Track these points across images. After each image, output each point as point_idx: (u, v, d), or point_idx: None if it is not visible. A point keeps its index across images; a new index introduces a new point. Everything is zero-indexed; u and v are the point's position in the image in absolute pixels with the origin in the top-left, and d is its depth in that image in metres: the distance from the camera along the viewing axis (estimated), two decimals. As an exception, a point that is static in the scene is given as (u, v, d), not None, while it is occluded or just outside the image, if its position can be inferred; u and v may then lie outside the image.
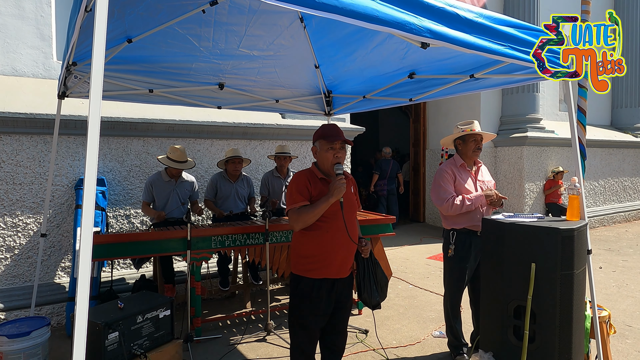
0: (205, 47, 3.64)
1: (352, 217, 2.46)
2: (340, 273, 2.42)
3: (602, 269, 5.98)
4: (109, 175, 4.34)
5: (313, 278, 2.37)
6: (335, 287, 2.41)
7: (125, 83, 3.71)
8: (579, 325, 2.60)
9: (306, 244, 2.41)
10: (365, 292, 2.55)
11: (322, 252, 2.36)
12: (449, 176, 3.18)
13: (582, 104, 3.04)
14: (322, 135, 2.42)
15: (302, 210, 2.30)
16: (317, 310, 2.38)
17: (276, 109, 4.71)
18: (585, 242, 2.67)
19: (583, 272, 2.66)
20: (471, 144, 3.21)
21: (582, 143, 3.05)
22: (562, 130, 8.96)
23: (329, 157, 2.38)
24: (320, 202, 2.28)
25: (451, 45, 2.03)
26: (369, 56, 3.76)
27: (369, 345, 3.57)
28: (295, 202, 2.33)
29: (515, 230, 2.65)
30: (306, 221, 2.30)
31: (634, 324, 3.99)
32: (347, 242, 2.37)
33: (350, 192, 2.50)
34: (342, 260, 2.41)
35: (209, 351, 3.47)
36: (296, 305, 2.42)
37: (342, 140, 2.40)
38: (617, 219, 9.84)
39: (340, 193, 2.26)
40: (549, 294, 2.49)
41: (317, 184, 2.39)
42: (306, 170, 2.52)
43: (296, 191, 2.36)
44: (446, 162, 3.32)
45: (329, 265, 2.37)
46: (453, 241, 3.17)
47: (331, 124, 2.52)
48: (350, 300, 2.58)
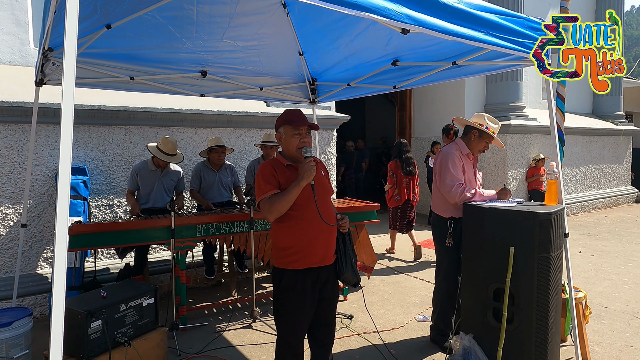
0: (188, 39, 3.59)
1: (326, 201, 2.40)
2: (325, 260, 2.36)
3: (581, 253, 6.13)
4: (90, 164, 4.28)
5: (296, 269, 2.30)
6: (320, 276, 2.35)
7: (106, 70, 3.65)
8: (556, 306, 2.68)
9: (284, 236, 2.34)
10: (347, 271, 2.46)
11: (301, 241, 2.30)
12: (459, 162, 3.11)
13: (561, 91, 3.08)
14: (286, 121, 2.35)
15: (273, 198, 2.24)
16: (303, 303, 2.31)
17: (260, 96, 4.68)
18: (562, 226, 2.74)
19: (560, 254, 2.73)
20: (483, 143, 3.18)
21: (561, 129, 3.11)
22: (544, 118, 9.08)
23: (295, 143, 2.31)
24: (291, 187, 2.22)
25: (430, 31, 2.03)
26: (352, 43, 3.76)
27: (354, 330, 3.62)
28: (265, 192, 2.27)
29: (494, 215, 2.71)
30: (280, 209, 2.24)
31: (609, 305, 4.12)
32: (325, 226, 2.31)
33: (322, 176, 2.44)
34: (324, 246, 2.35)
35: (194, 338, 3.49)
36: (281, 300, 2.34)
37: (307, 125, 2.34)
38: (597, 205, 10.07)
39: (310, 176, 2.20)
40: (526, 277, 2.56)
41: (284, 172, 2.32)
42: (270, 160, 2.45)
43: (264, 181, 2.29)
44: (452, 145, 3.22)
45: (311, 254, 2.31)
46: (451, 230, 3.12)
47: (295, 109, 2.42)
48: (337, 289, 2.52)
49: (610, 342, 3.37)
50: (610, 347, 3.30)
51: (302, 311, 2.33)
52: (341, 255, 2.48)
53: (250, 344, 3.40)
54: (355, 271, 2.53)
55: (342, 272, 2.48)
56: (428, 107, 9.23)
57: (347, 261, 2.49)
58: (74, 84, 1.23)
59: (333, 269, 2.47)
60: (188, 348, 3.32)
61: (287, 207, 2.25)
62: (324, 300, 2.43)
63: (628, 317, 3.84)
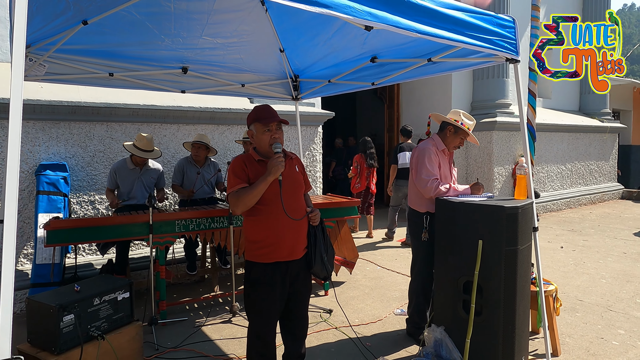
0: (167, 36, 3.60)
1: (295, 197, 2.43)
2: (293, 255, 2.40)
3: (563, 248, 6.22)
4: (71, 160, 4.28)
5: (265, 263, 2.34)
6: (289, 269, 2.38)
7: (85, 67, 3.64)
8: (524, 298, 2.74)
9: (253, 230, 2.38)
10: (316, 265, 2.48)
11: (268, 235, 2.33)
12: (435, 157, 3.15)
13: (532, 87, 3.13)
14: (256, 118, 2.38)
15: (240, 192, 2.27)
16: (272, 295, 2.35)
17: (242, 93, 4.70)
18: (531, 220, 2.80)
19: (528, 248, 2.78)
20: (458, 139, 3.22)
21: (532, 125, 3.16)
22: (531, 115, 9.17)
23: (266, 139, 2.34)
24: (259, 181, 2.25)
25: (393, 28, 2.07)
26: (331, 41, 3.79)
27: (332, 324, 3.67)
28: (233, 185, 2.31)
29: (464, 209, 2.76)
30: (246, 203, 2.27)
31: (585, 299, 4.20)
32: (294, 222, 2.36)
33: (295, 172, 2.48)
34: (292, 241, 2.38)
35: (173, 333, 3.52)
36: (250, 292, 2.38)
37: (277, 120, 2.37)
38: (583, 201, 10.19)
39: (277, 171, 2.23)
40: (494, 270, 2.61)
41: (254, 166, 2.35)
42: (243, 154, 2.49)
43: (233, 175, 2.33)
44: (428, 141, 3.26)
45: (279, 248, 2.34)
46: (427, 225, 3.15)
47: (265, 105, 2.46)
48: (309, 283, 2.55)
49: (582, 334, 3.44)
50: (581, 338, 3.37)
51: (271, 304, 2.38)
52: (311, 249, 2.51)
53: (228, 338, 3.44)
54: (325, 265, 2.55)
55: (311, 265, 2.51)
56: (416, 104, 9.29)
57: (317, 255, 2.52)
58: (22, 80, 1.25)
59: (305, 263, 2.51)
60: (166, 342, 3.35)
61: (253, 201, 2.28)
62: (295, 293, 2.47)
63: (602, 310, 3.91)
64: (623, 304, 4.07)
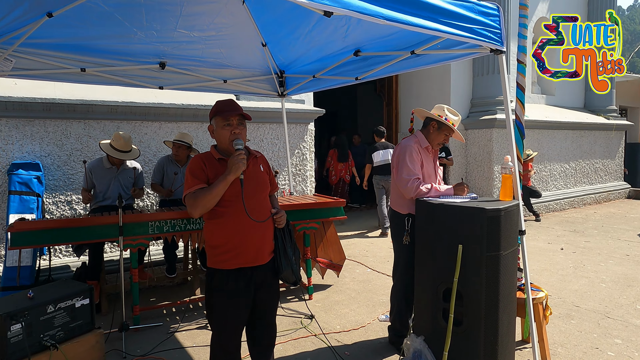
0: (139, 28, 3.45)
1: (259, 197, 2.27)
2: (258, 259, 2.23)
3: (563, 250, 5.99)
4: (47, 159, 4.15)
5: (227, 269, 2.18)
6: (254, 276, 2.22)
7: (55, 61, 3.50)
8: (508, 306, 2.55)
9: (214, 233, 2.21)
10: (285, 270, 2.32)
11: (231, 239, 2.18)
12: (417, 156, 2.96)
13: (520, 80, 2.93)
14: (216, 112, 2.22)
15: (198, 193, 2.11)
16: (235, 304, 2.19)
17: (225, 89, 4.54)
18: (516, 223, 2.60)
19: (514, 253, 2.59)
20: (442, 135, 3.04)
21: (521, 121, 2.96)
22: (533, 112, 8.92)
23: (225, 135, 2.17)
24: (218, 181, 2.09)
25: (356, 14, 1.89)
26: (312, 34, 3.63)
27: (312, 331, 3.49)
28: (190, 186, 2.15)
29: (443, 211, 2.58)
30: (204, 205, 2.11)
31: (582, 304, 3.98)
32: (257, 224, 2.18)
33: (260, 171, 2.32)
34: (257, 244, 2.22)
35: (145, 340, 3.37)
36: (212, 301, 2.22)
37: (238, 114, 2.20)
38: (588, 201, 9.91)
39: (238, 169, 2.07)
40: (474, 276, 2.43)
41: (214, 165, 2.19)
42: (202, 153, 2.32)
43: (190, 175, 2.17)
44: (411, 138, 3.07)
45: (242, 253, 2.18)
46: (409, 227, 2.96)
47: (227, 98, 2.30)
48: (276, 289, 2.39)
49: (576, 344, 3.23)
50: (574, 348, 3.16)
51: (234, 313, 2.22)
52: (279, 253, 2.35)
53: (201, 346, 3.28)
54: (295, 270, 2.40)
55: (280, 271, 2.35)
56: (414, 101, 9.07)
57: (286, 259, 2.37)
58: None
59: (271, 268, 2.35)
60: (136, 350, 3.20)
61: (212, 202, 2.12)
62: (261, 300, 2.31)
63: (599, 317, 3.70)
64: (622, 310, 3.85)
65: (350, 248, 6.10)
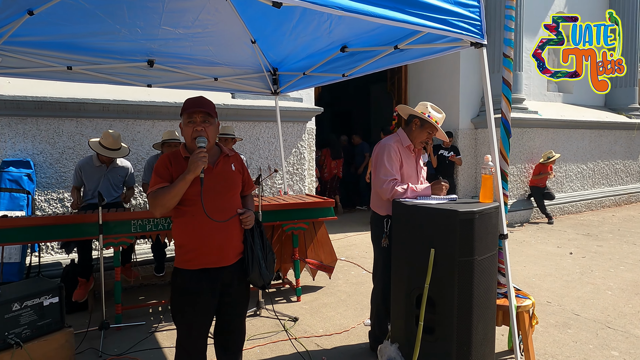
0: (122, 26, 3.43)
1: (224, 197, 2.19)
2: (223, 260, 2.17)
3: (572, 254, 5.73)
4: (39, 157, 4.19)
5: (191, 270, 2.13)
6: (220, 277, 2.16)
7: (41, 59, 3.52)
8: (485, 315, 2.41)
9: (178, 233, 2.18)
10: (253, 272, 2.24)
11: (193, 239, 2.13)
12: (395, 155, 2.83)
13: (506, 75, 2.77)
14: (183, 109, 2.17)
15: (158, 192, 2.06)
16: (198, 305, 2.13)
17: (216, 87, 4.50)
18: (495, 226, 2.46)
19: (492, 258, 2.45)
20: (425, 133, 2.89)
21: (507, 119, 2.80)
22: (548, 111, 8.60)
23: (188, 132, 2.12)
24: (178, 180, 2.04)
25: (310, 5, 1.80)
26: (296, 30, 3.57)
27: (293, 334, 3.41)
28: (152, 185, 2.11)
29: (417, 213, 2.45)
30: (164, 204, 2.06)
31: (582, 313, 3.77)
32: (220, 224, 2.12)
33: (230, 170, 2.25)
34: (219, 246, 2.15)
35: (124, 339, 3.35)
36: (175, 301, 2.17)
37: (202, 111, 2.13)
38: (607, 203, 9.49)
39: (197, 168, 2.01)
40: (446, 283, 2.30)
41: (181, 164, 2.13)
42: (171, 151, 2.28)
43: (154, 174, 2.13)
44: (391, 137, 2.95)
45: (205, 253, 2.13)
46: (387, 230, 2.84)
47: (197, 96, 2.25)
48: (244, 292, 2.31)
49: (568, 355, 3.05)
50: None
51: (197, 315, 2.15)
52: (248, 254, 2.27)
53: (178, 346, 3.23)
54: (263, 273, 2.31)
55: (248, 274, 2.27)
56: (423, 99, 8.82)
57: (255, 261, 2.28)
58: None
59: (239, 270, 2.28)
60: (113, 349, 3.19)
61: (172, 201, 2.07)
62: (226, 304, 2.24)
63: (598, 327, 3.49)
64: (625, 320, 3.62)
65: (350, 249, 5.99)
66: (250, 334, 3.40)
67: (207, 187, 2.10)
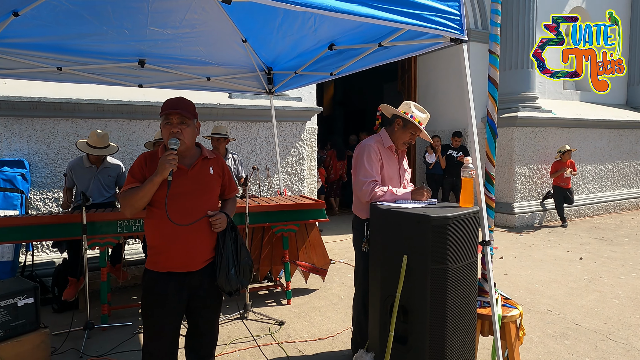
0: (109, 27, 3.43)
1: (196, 200, 2.14)
2: (189, 266, 2.12)
3: (582, 259, 5.48)
4: (34, 157, 4.24)
5: (158, 271, 2.11)
6: (188, 281, 2.12)
7: (30, 60, 3.55)
8: (461, 326, 2.28)
9: (148, 233, 2.18)
10: (220, 277, 2.18)
11: (162, 241, 2.10)
12: (376, 156, 2.71)
13: (492, 73, 2.62)
14: (161, 110, 2.14)
15: (128, 193, 2.06)
16: (163, 308, 2.10)
17: (209, 87, 4.47)
18: (473, 232, 2.32)
19: (470, 266, 2.31)
20: (408, 134, 2.76)
21: (493, 119, 2.65)
22: (562, 110, 8.29)
23: (165, 133, 2.10)
24: (147, 182, 2.02)
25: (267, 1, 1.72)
26: (282, 28, 3.51)
27: (276, 339, 3.34)
28: (125, 185, 2.11)
29: (390, 218, 2.34)
30: (132, 205, 2.05)
31: (583, 323, 3.58)
32: (186, 228, 2.08)
33: (207, 174, 2.20)
34: (185, 250, 2.10)
35: (108, 340, 3.34)
36: (143, 302, 2.16)
37: (179, 113, 2.09)
38: (626, 206, 9.10)
39: (164, 170, 1.98)
40: (420, 291, 2.18)
41: (155, 164, 2.08)
42: (151, 150, 2.28)
43: (129, 173, 2.13)
44: (373, 137, 2.84)
45: (170, 257, 2.09)
46: (368, 234, 2.71)
47: (177, 96, 2.22)
48: (213, 296, 2.25)
49: (561, 368, 2.89)
50: (558, 373, 2.82)
51: (162, 317, 2.12)
52: (217, 259, 2.22)
53: (160, 348, 3.20)
54: (231, 278, 2.24)
55: (216, 277, 2.21)
56: (431, 99, 8.67)
57: (223, 266, 2.23)
58: None
59: (210, 274, 2.23)
60: (95, 350, 3.18)
61: (140, 203, 2.06)
62: (196, 308, 2.20)
63: (598, 339, 3.30)
64: (629, 331, 3.42)
65: (348, 251, 5.87)
66: (234, 337, 3.35)
67: (179, 190, 2.08)
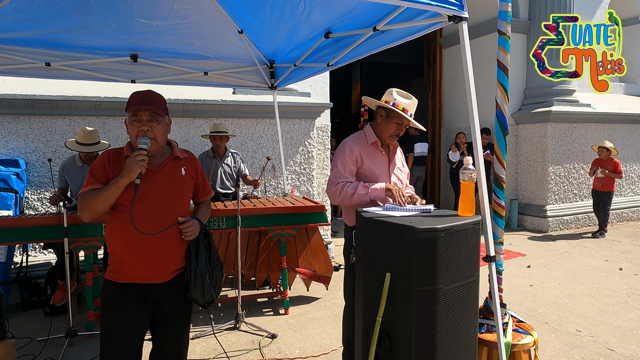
0: (94, 20, 3.25)
1: (166, 205, 1.91)
2: (155, 277, 1.90)
3: (621, 270, 4.91)
4: (31, 156, 4.16)
5: (118, 282, 1.90)
6: (151, 294, 1.90)
7: (15, 56, 3.41)
8: (457, 355, 1.92)
9: (108, 240, 1.95)
10: (195, 289, 1.97)
11: (123, 250, 1.88)
12: (351, 155, 2.42)
13: (502, 58, 2.22)
14: (128, 104, 1.92)
15: (87, 195, 1.82)
16: (123, 322, 1.89)
17: (207, 82, 4.23)
18: (474, 246, 1.95)
19: (467, 287, 1.95)
20: (393, 125, 2.43)
21: (502, 112, 2.25)
22: (603, 103, 7.59)
23: (133, 131, 1.88)
24: (110, 184, 1.80)
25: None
26: (274, 16, 3.26)
27: (264, 354, 3.06)
28: (84, 186, 1.88)
29: (373, 227, 2.01)
30: (92, 209, 1.81)
31: (618, 348, 3.10)
32: (160, 235, 1.86)
33: (178, 175, 1.97)
34: (150, 260, 1.88)
35: (90, 348, 3.17)
36: (101, 317, 1.95)
37: (149, 109, 1.88)
38: (677, 210, 8.24)
39: (132, 172, 1.76)
40: (404, 315, 1.84)
41: (120, 164, 1.88)
42: (114, 149, 2.03)
43: (89, 173, 1.90)
44: (355, 134, 2.56)
45: (132, 268, 1.87)
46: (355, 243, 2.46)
47: (145, 90, 1.98)
48: (181, 310, 2.02)
49: (587, 405, 2.45)
50: (582, 411, 2.39)
51: (123, 331, 1.90)
52: (190, 269, 1.99)
53: None
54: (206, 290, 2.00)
55: (189, 290, 2.00)
56: (457, 93, 8.17)
57: (198, 277, 1.99)
58: None
59: (179, 286, 1.99)
60: (74, 358, 3.02)
61: (101, 207, 1.83)
62: (160, 323, 1.98)
63: (635, 368, 2.83)
64: (673, 360, 2.92)
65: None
66: (220, 350, 3.11)
67: (146, 193, 1.86)
